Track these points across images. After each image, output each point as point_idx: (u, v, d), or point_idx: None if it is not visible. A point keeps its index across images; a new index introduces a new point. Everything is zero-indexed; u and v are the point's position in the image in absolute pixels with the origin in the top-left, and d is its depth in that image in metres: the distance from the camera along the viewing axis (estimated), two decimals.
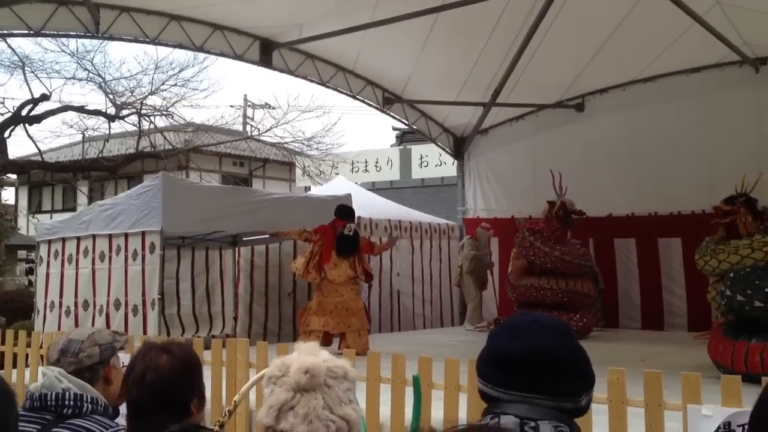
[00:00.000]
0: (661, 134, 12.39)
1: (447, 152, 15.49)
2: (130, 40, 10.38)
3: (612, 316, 12.72)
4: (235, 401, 2.94)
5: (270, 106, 23.60)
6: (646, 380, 3.81)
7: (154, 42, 10.45)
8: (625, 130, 12.84)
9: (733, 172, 11.37)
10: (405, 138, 27.23)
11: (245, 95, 29.76)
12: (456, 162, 15.36)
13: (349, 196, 11.43)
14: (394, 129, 28.47)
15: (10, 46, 16.25)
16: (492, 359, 1.68)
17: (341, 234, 9.36)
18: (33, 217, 25.62)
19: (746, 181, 8.85)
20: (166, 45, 10.85)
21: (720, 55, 11.63)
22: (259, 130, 22.81)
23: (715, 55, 11.62)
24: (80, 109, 17.59)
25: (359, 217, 12.24)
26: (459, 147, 15.02)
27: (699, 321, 10.93)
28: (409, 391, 4.59)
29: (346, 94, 12.98)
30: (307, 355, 1.86)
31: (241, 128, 25.58)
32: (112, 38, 10.37)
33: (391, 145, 28.28)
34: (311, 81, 12.44)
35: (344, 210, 9.64)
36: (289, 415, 1.76)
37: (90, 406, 2.58)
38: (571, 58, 12.03)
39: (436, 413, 4.50)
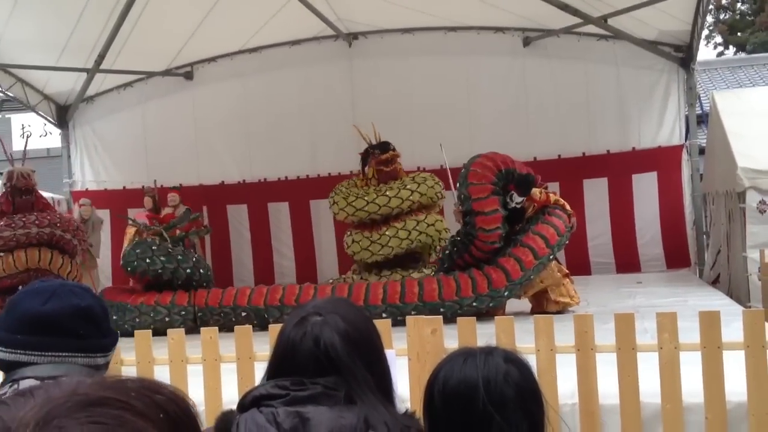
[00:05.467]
0: (268, 103, 12.82)
1: (50, 122, 14.43)
2: None
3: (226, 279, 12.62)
4: None
5: None
6: None
7: None
8: (234, 98, 13.08)
9: (332, 139, 12.41)
10: (3, 106, 24.76)
11: None
12: (60, 132, 14.39)
13: None
14: None
15: None
16: (22, 323, 1.58)
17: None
18: None
19: (376, 131, 9.87)
20: None
21: (317, 30, 12.40)
22: None
23: (313, 29, 12.36)
24: None
25: None
26: (63, 116, 14.05)
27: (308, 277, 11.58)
28: None
29: None
30: None
31: None
32: None
33: None
34: None
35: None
36: None
37: None
38: (178, 25, 11.87)
39: None
